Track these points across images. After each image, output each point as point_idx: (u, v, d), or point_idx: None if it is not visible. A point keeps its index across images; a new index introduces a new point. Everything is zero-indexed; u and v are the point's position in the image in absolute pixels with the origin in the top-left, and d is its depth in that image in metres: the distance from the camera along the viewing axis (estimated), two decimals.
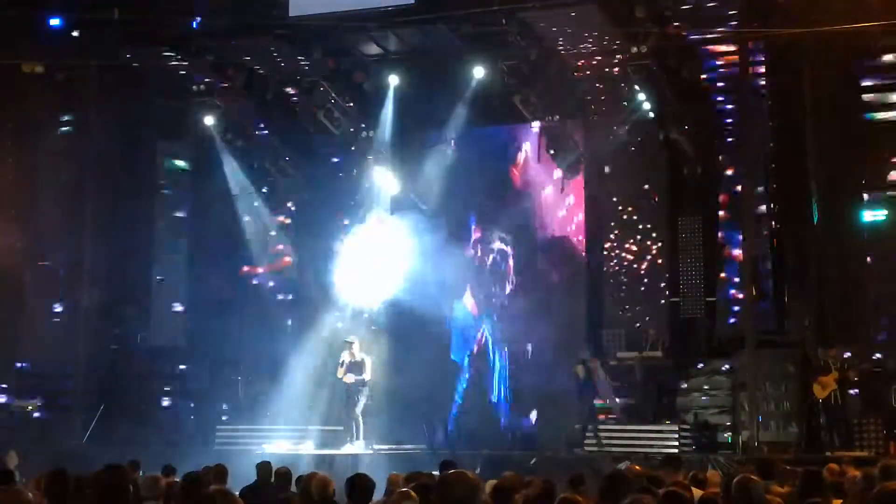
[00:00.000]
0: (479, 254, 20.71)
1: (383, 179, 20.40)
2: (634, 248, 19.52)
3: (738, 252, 18.60)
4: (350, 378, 17.31)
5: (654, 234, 19.48)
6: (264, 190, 20.71)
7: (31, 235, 19.77)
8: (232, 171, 20.37)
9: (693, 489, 8.62)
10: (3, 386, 18.98)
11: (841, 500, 8.11)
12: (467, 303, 20.57)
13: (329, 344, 18.82)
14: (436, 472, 10.50)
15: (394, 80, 19.01)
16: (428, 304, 19.35)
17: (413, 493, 7.53)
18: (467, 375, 20.29)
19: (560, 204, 20.27)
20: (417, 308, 19.32)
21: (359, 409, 17.36)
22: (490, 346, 20.26)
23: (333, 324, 19.67)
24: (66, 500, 7.29)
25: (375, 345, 19.24)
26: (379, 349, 19.23)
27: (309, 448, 17.63)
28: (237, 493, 10.16)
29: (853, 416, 16.72)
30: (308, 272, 20.47)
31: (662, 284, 19.30)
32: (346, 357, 17.41)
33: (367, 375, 17.38)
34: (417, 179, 20.22)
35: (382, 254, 20.13)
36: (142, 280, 20.62)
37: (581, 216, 20.18)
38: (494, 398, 19.97)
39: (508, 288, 20.54)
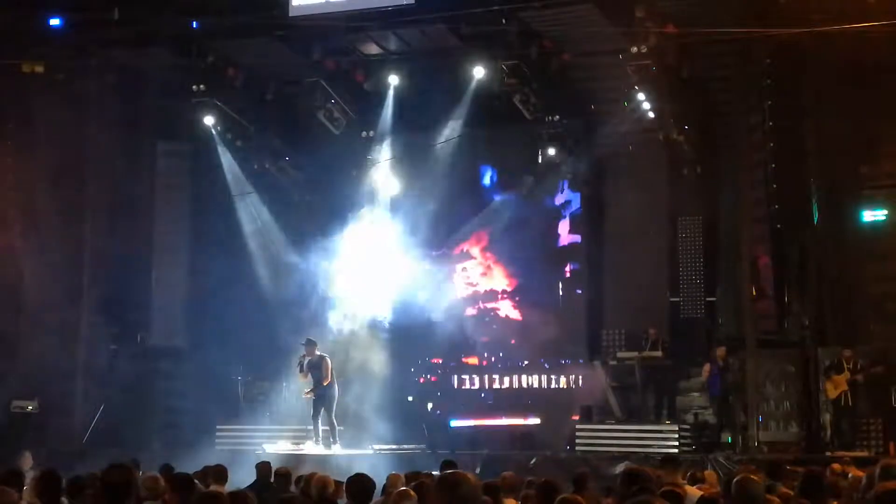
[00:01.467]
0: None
1: (383, 179, 20.43)
2: (634, 247, 19.51)
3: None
4: (310, 394, 17.29)
5: (654, 234, 19.47)
6: (264, 190, 20.69)
7: (31, 235, 19.74)
8: (232, 171, 20.36)
9: (692, 489, 8.64)
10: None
11: (836, 502, 8.10)
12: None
13: (331, 343, 18.81)
14: (436, 472, 10.51)
15: (394, 80, 19.01)
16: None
17: (412, 493, 7.53)
18: None
19: (559, 204, 20.31)
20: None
21: (332, 413, 17.31)
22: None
23: (333, 324, 19.68)
24: (59, 500, 7.30)
25: (377, 346, 19.31)
26: (380, 351, 19.29)
27: (309, 448, 17.63)
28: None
29: (859, 417, 16.76)
30: (308, 272, 20.44)
31: (662, 284, 19.29)
32: (304, 356, 17.32)
33: (325, 378, 17.21)
34: (416, 179, 20.27)
35: (384, 255, 20.20)
36: (142, 280, 20.60)
37: (581, 216, 20.19)
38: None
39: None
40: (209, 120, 19.47)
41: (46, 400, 19.01)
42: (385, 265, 20.20)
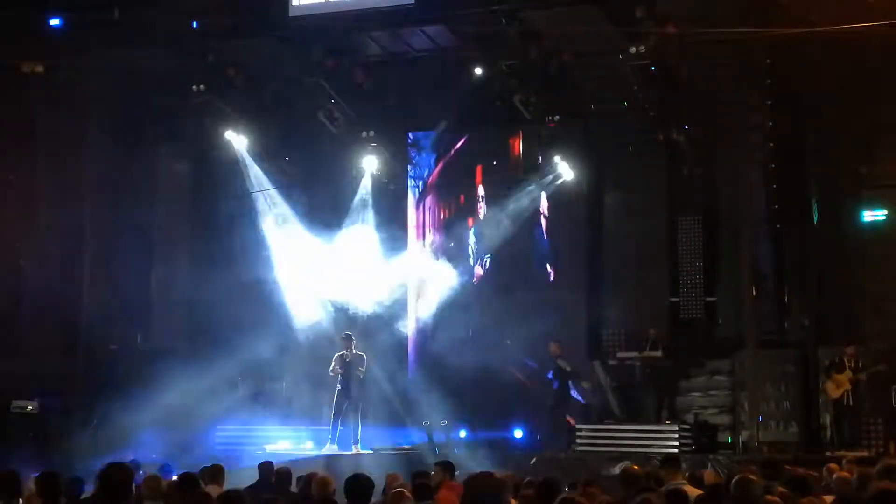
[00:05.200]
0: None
1: (382, 179, 20.47)
2: (634, 248, 19.51)
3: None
4: (337, 370, 17.30)
5: (654, 234, 19.47)
6: (264, 190, 20.69)
7: (31, 234, 19.76)
8: (231, 170, 20.37)
9: (692, 489, 8.65)
10: None
11: (833, 498, 8.11)
12: None
13: (329, 343, 18.83)
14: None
15: (394, 80, 19.00)
16: None
17: (408, 493, 7.55)
18: None
19: (559, 204, 20.30)
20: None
21: (359, 412, 17.36)
22: None
23: (333, 324, 19.71)
24: (59, 501, 7.30)
25: (374, 344, 19.33)
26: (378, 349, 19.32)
27: (309, 448, 17.64)
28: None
29: (857, 417, 16.77)
30: (307, 272, 20.46)
31: (662, 284, 19.29)
32: (344, 353, 17.37)
33: (362, 373, 17.33)
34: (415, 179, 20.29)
35: (382, 254, 20.24)
36: (142, 280, 20.59)
37: (581, 216, 20.19)
38: None
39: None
40: (209, 120, 19.48)
41: (46, 400, 19.00)
42: (383, 264, 20.23)
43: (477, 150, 20.90)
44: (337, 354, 17.53)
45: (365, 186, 20.47)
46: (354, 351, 17.41)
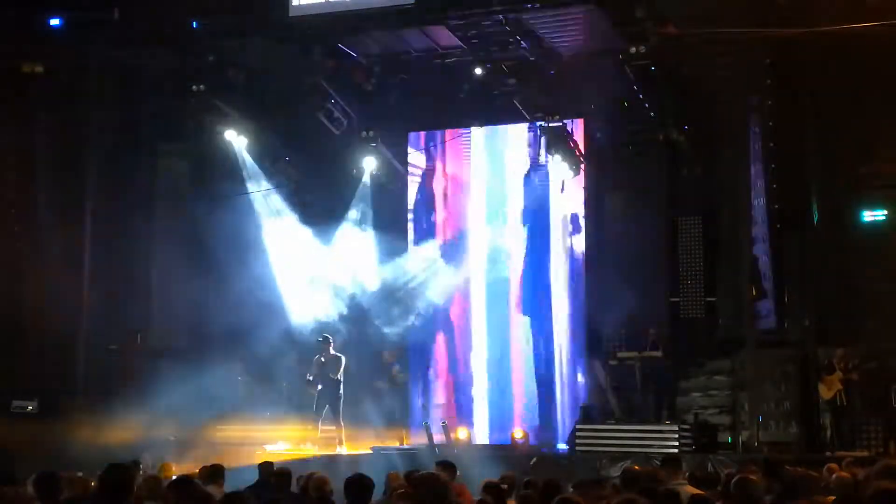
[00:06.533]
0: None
1: (382, 179, 20.49)
2: (634, 248, 19.49)
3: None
4: (317, 385, 17.45)
5: (654, 234, 19.47)
6: (264, 190, 20.71)
7: (31, 235, 19.76)
8: (231, 170, 20.38)
9: (690, 488, 8.65)
10: None
11: (833, 498, 8.12)
12: None
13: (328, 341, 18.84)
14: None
15: (394, 79, 19.01)
16: None
17: (411, 492, 7.55)
18: None
19: (559, 204, 20.29)
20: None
21: (339, 413, 17.45)
22: None
23: (333, 323, 19.71)
24: (58, 502, 7.31)
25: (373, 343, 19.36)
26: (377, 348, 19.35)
27: (309, 448, 17.65)
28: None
29: (856, 417, 16.77)
30: (307, 271, 20.47)
31: (662, 284, 19.29)
32: (322, 356, 17.50)
33: (339, 374, 17.40)
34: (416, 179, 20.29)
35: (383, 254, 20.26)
36: (142, 280, 20.60)
37: (581, 216, 20.19)
38: None
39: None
40: (209, 120, 19.49)
41: (46, 400, 19.00)
42: (383, 263, 20.25)
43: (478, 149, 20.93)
44: (315, 357, 17.65)
45: (365, 186, 20.50)
46: (332, 353, 17.50)
